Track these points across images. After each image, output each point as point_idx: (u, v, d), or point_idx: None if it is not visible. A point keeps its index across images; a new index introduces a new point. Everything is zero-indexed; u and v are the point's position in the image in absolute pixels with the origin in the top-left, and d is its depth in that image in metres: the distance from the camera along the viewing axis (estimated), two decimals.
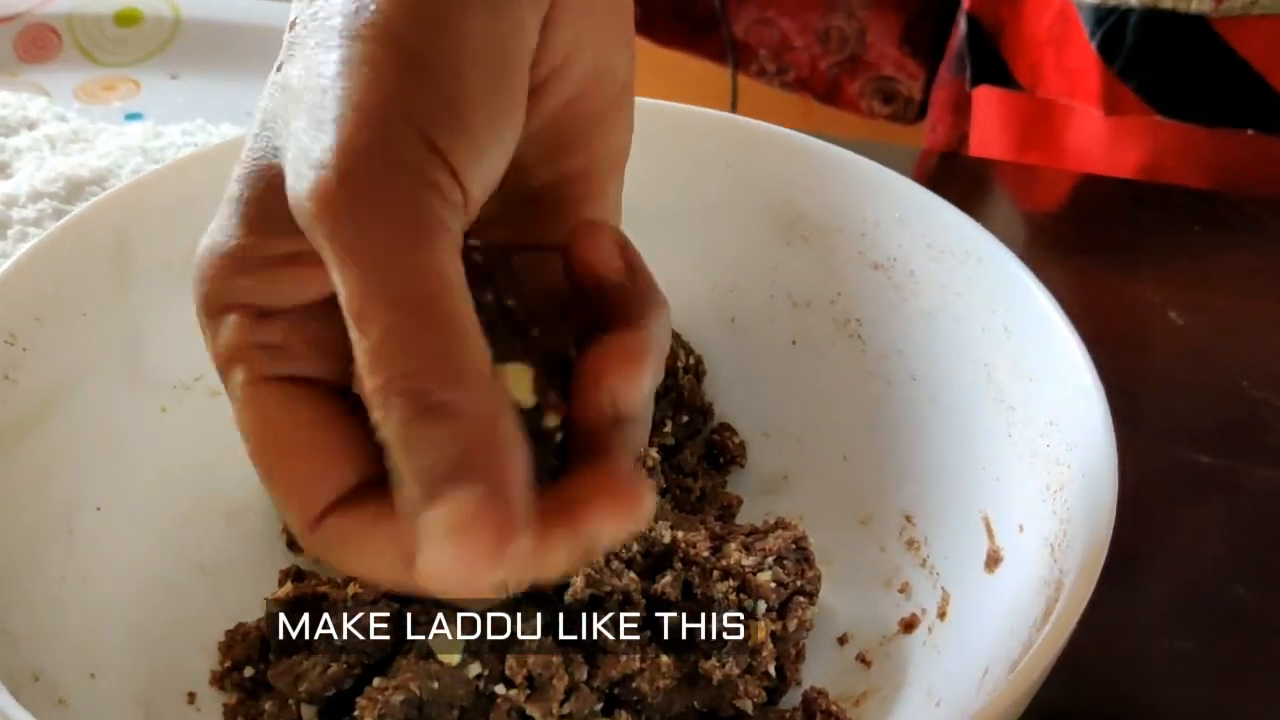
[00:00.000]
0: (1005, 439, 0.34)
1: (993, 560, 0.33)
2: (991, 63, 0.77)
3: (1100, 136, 0.75)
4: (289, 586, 0.35)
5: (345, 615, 0.32)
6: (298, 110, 0.19)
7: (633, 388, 0.21)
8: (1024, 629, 0.28)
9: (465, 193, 0.19)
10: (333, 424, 0.21)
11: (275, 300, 0.21)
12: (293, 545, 0.38)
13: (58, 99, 0.62)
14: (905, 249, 0.37)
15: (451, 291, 0.19)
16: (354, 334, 0.19)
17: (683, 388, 0.40)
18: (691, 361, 0.41)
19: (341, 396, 0.21)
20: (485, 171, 0.20)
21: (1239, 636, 0.39)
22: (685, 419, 0.40)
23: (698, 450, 0.40)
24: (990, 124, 0.80)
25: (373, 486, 0.21)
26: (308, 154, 0.19)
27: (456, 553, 0.18)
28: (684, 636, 0.33)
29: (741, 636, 0.33)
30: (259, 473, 0.21)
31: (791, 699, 0.34)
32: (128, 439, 0.36)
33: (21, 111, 0.59)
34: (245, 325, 0.21)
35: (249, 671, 0.34)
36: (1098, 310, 0.53)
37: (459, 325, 0.19)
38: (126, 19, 0.66)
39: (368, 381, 0.18)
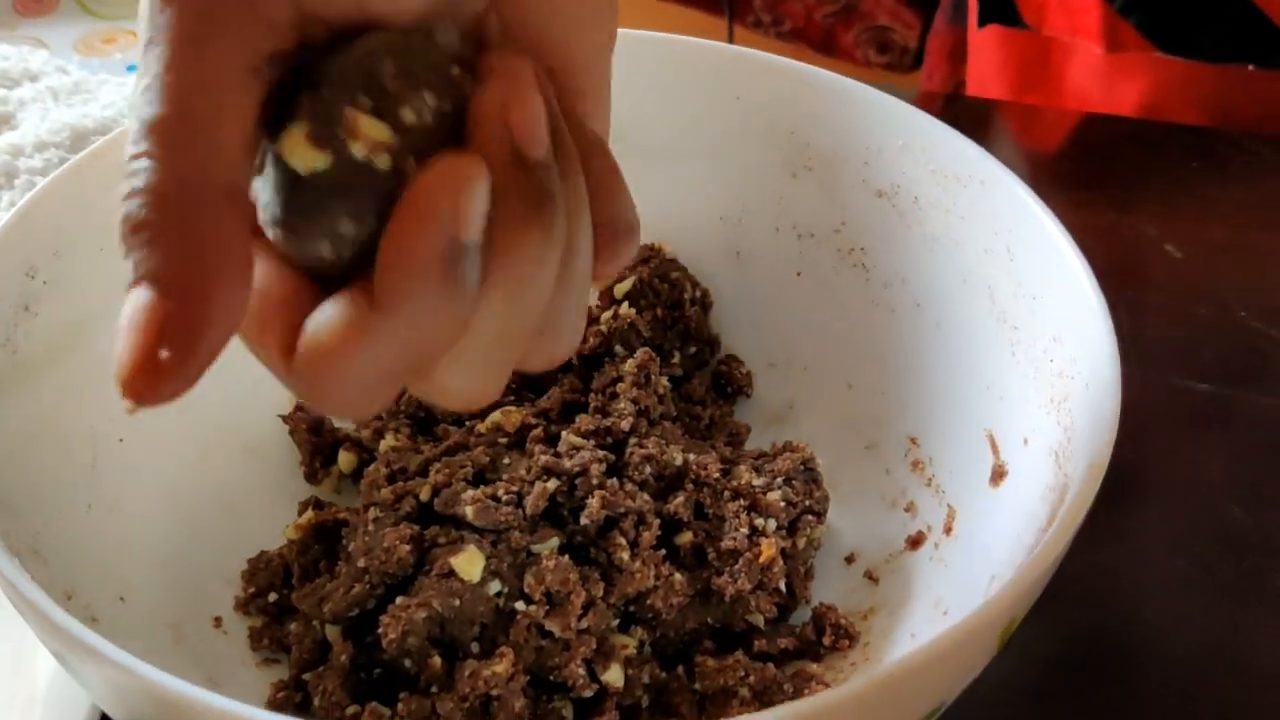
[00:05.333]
0: (1009, 358, 0.34)
1: (998, 475, 0.34)
2: (999, 2, 0.77)
3: (1099, 76, 0.75)
4: (310, 514, 0.35)
5: (365, 537, 0.33)
6: None
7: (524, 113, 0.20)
8: (1031, 534, 0.29)
9: None
10: None
11: None
12: (311, 477, 0.39)
13: (58, 52, 0.62)
14: (909, 175, 0.38)
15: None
16: None
17: (690, 319, 0.40)
18: (698, 294, 0.41)
19: None
20: None
21: (1235, 558, 0.40)
22: (693, 350, 0.41)
23: (705, 381, 0.41)
24: (989, 67, 0.81)
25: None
26: None
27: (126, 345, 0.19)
28: (696, 555, 0.34)
29: (752, 554, 0.34)
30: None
31: (801, 616, 0.35)
32: None
33: (23, 64, 0.59)
34: None
35: (272, 597, 0.35)
36: (1096, 244, 0.54)
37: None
38: None
39: None
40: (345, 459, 0.38)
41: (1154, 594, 0.39)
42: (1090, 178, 0.61)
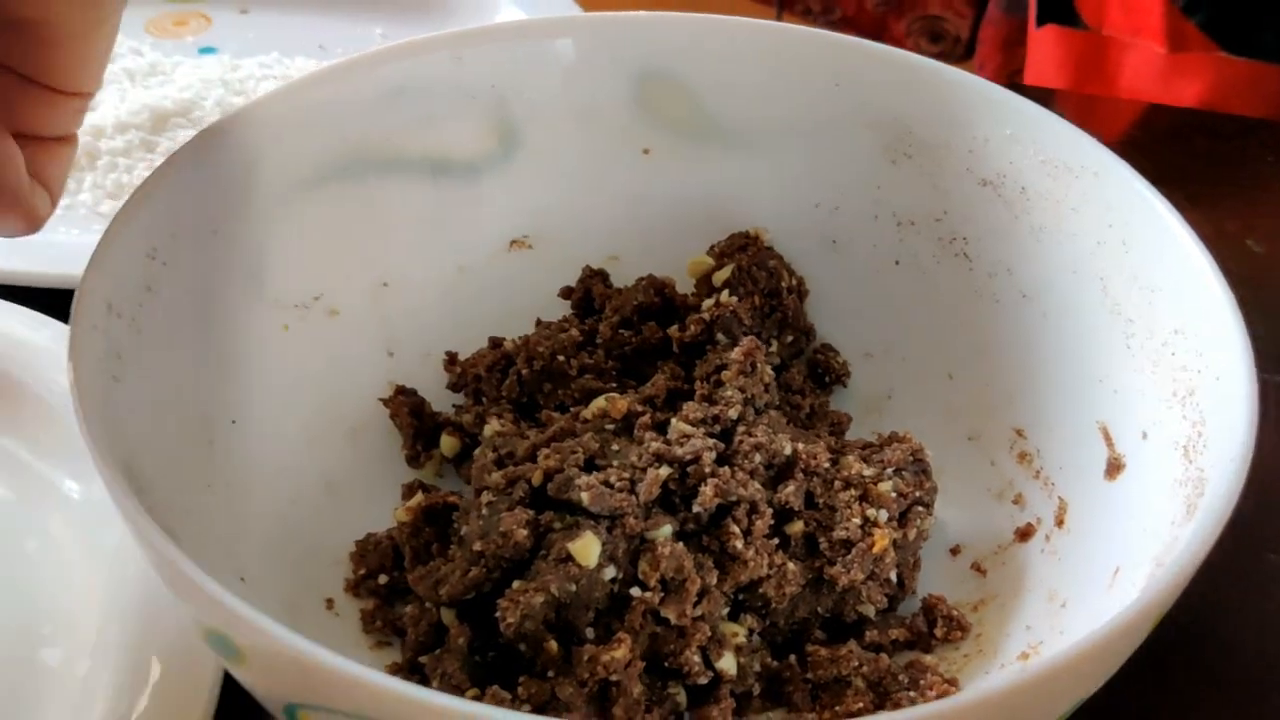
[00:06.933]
0: (1123, 350, 0.34)
1: (1114, 468, 0.33)
2: (1057, 2, 0.76)
3: (1158, 75, 0.74)
4: (420, 496, 0.35)
5: (480, 521, 0.33)
6: None
7: None
8: (1161, 527, 0.29)
9: None
10: None
11: None
12: (412, 461, 0.39)
13: (129, 34, 0.62)
14: (1016, 165, 0.37)
15: None
16: None
17: (787, 308, 0.40)
18: (794, 282, 0.41)
19: None
20: None
21: None
22: (790, 339, 0.40)
23: (802, 370, 0.41)
24: (1047, 64, 0.80)
25: None
26: None
27: None
28: (806, 544, 0.34)
29: (865, 544, 0.33)
30: None
31: (909, 607, 0.35)
32: (255, 356, 0.36)
33: None
34: None
35: (383, 579, 0.35)
36: None
37: None
38: None
39: None
40: (448, 443, 0.38)
41: (1254, 587, 0.39)
42: (1163, 170, 0.60)
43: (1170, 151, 0.62)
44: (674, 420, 0.35)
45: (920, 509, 0.35)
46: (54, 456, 0.39)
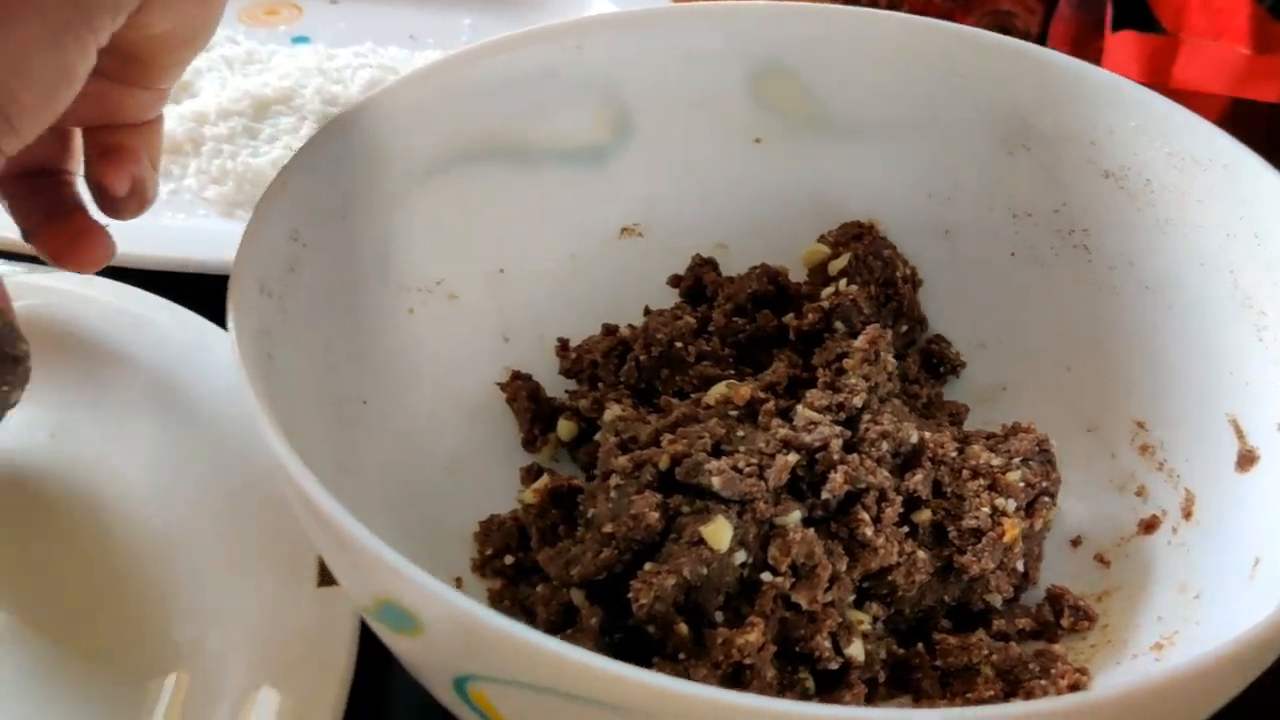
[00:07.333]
0: (1255, 343, 0.34)
1: (1246, 460, 0.33)
2: (1134, 6, 0.76)
3: (1236, 75, 0.74)
4: (546, 479, 0.36)
5: (609, 504, 0.33)
6: None
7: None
8: None
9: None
10: None
11: None
12: (529, 444, 0.39)
13: (224, 22, 0.63)
14: (1141, 157, 0.37)
15: None
16: None
17: (902, 298, 0.40)
18: (908, 271, 0.41)
19: None
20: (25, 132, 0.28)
21: None
22: (904, 329, 0.40)
23: (916, 360, 0.41)
24: (1122, 67, 0.79)
25: None
26: None
27: None
28: (934, 533, 0.34)
29: (995, 534, 0.33)
30: None
31: (1032, 597, 0.35)
32: (382, 338, 0.37)
33: None
34: None
35: (509, 559, 0.35)
36: None
37: None
38: None
39: None
40: (565, 427, 0.39)
41: None
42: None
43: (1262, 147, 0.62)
44: (800, 407, 0.35)
45: (1046, 499, 0.35)
46: (189, 441, 0.40)
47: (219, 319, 0.44)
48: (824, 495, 0.33)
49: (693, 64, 0.41)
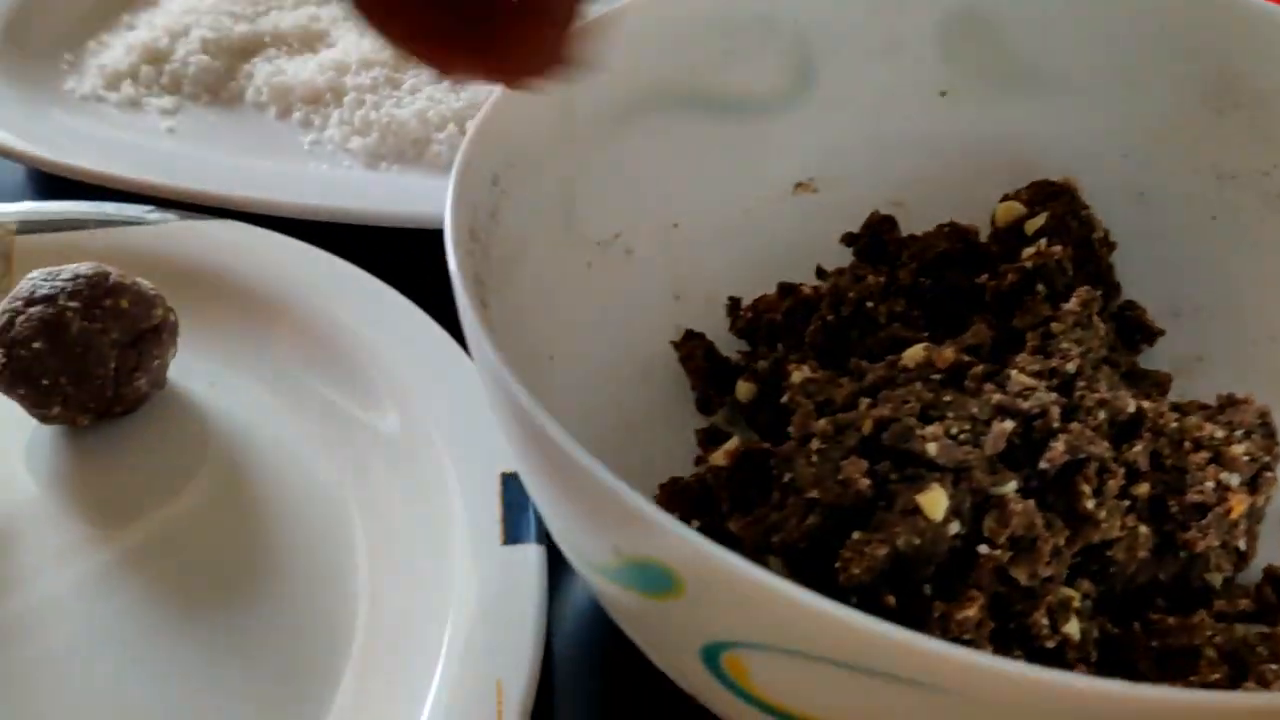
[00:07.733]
0: None
1: None
2: None
3: None
4: (736, 440, 0.34)
5: (812, 469, 0.32)
6: None
7: None
8: None
9: None
10: None
11: None
12: (703, 405, 0.38)
13: None
14: None
15: None
16: None
17: (1100, 260, 0.38)
18: (1104, 233, 0.39)
19: None
20: None
21: None
22: (1099, 293, 0.39)
23: (1111, 328, 0.39)
24: None
25: None
26: None
27: None
28: (1153, 507, 0.33)
29: (1222, 509, 0.32)
30: None
31: (1247, 577, 0.34)
32: (564, 292, 0.36)
33: None
34: None
35: (694, 524, 0.34)
36: None
37: None
38: None
39: None
40: (744, 388, 0.37)
41: None
42: None
43: None
44: (1012, 373, 0.33)
45: (1268, 474, 0.33)
46: (361, 396, 0.39)
47: (370, 269, 0.43)
48: (1041, 465, 0.32)
49: (883, 10, 0.39)
